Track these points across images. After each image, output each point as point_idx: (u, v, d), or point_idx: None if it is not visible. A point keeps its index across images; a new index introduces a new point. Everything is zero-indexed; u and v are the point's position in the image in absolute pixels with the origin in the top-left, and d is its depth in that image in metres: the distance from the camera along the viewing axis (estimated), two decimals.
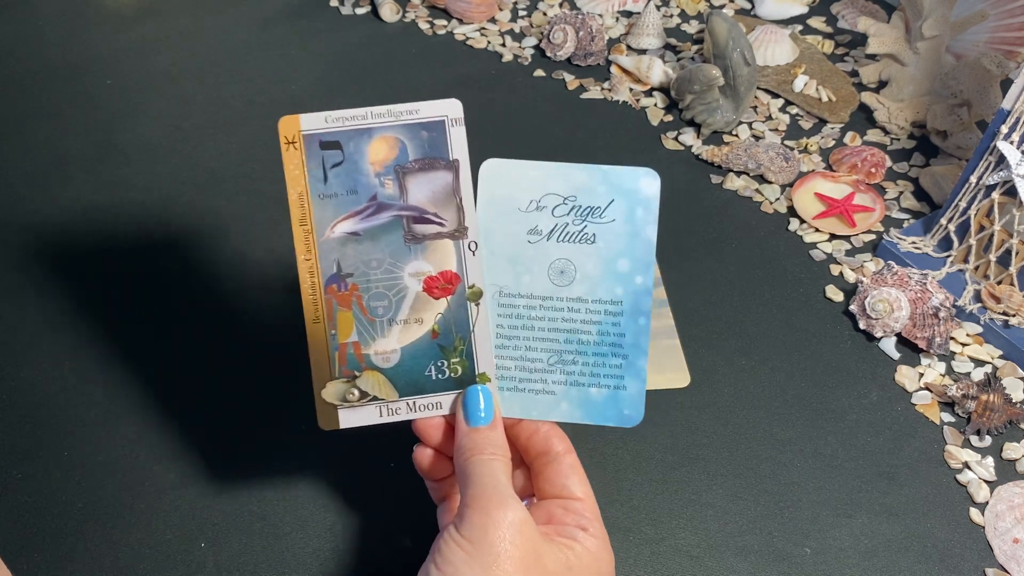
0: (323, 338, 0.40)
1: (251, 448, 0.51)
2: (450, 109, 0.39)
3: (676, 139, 0.75)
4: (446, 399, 0.40)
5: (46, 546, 0.47)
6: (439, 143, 0.39)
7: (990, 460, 0.51)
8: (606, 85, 0.81)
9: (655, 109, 0.78)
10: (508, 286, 0.41)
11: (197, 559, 0.46)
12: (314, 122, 0.39)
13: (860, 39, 0.85)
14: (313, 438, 0.52)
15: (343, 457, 0.51)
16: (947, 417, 0.54)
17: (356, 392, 0.40)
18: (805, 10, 0.90)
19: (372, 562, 0.46)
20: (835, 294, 0.61)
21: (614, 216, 0.40)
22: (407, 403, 0.40)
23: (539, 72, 0.82)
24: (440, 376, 0.40)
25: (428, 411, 0.40)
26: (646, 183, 0.40)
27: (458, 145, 0.39)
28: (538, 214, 0.40)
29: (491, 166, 0.41)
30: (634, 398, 0.41)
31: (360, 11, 0.90)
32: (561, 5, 0.92)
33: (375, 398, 0.40)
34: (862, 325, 0.58)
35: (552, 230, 0.40)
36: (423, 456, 0.41)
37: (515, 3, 0.92)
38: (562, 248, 0.40)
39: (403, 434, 0.52)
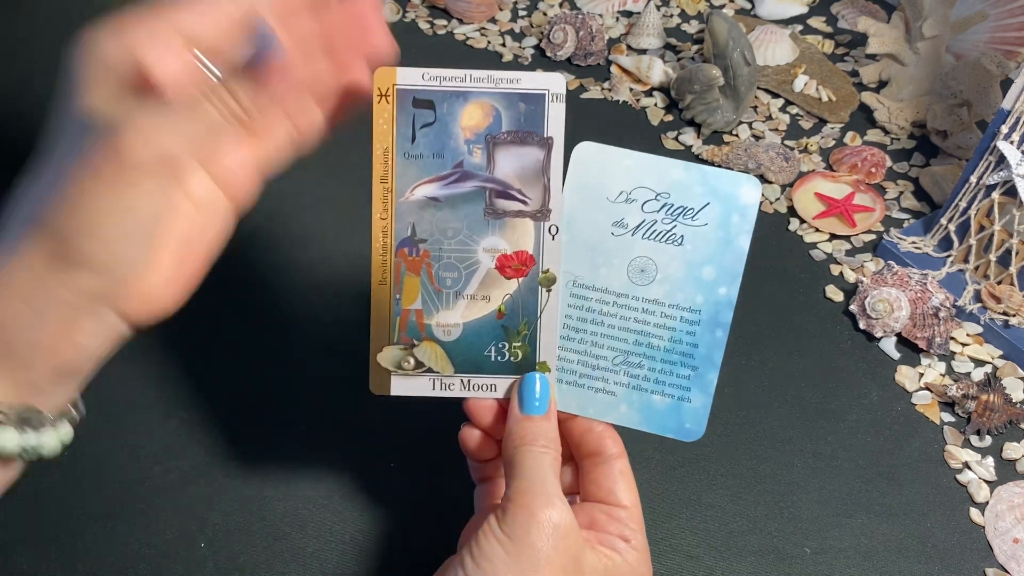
0: (387, 301, 0.38)
1: (251, 448, 0.51)
2: (552, 83, 0.37)
3: (676, 139, 0.75)
4: (502, 382, 0.39)
5: (46, 546, 0.47)
6: (536, 117, 0.37)
7: (990, 460, 0.51)
8: (606, 85, 0.81)
9: (655, 109, 0.78)
10: (583, 277, 0.39)
11: (197, 559, 0.46)
12: (411, 77, 0.37)
13: (860, 39, 0.85)
14: (313, 438, 0.52)
15: (343, 457, 0.51)
16: (947, 417, 0.54)
17: (412, 360, 0.39)
18: (805, 10, 0.90)
19: (372, 562, 0.46)
20: (835, 294, 0.61)
21: (707, 220, 0.38)
22: (462, 380, 0.39)
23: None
24: (499, 358, 0.39)
25: (482, 392, 0.39)
26: (747, 190, 0.38)
27: (555, 122, 0.37)
28: (627, 206, 0.39)
29: (585, 149, 0.39)
30: (698, 412, 0.39)
31: None
32: (561, 5, 0.92)
33: (430, 370, 0.39)
34: (862, 325, 0.58)
35: (639, 225, 0.39)
36: (470, 436, 0.40)
37: (515, 3, 0.92)
38: (646, 245, 0.39)
39: (402, 434, 0.52)
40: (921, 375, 0.56)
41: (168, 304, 0.34)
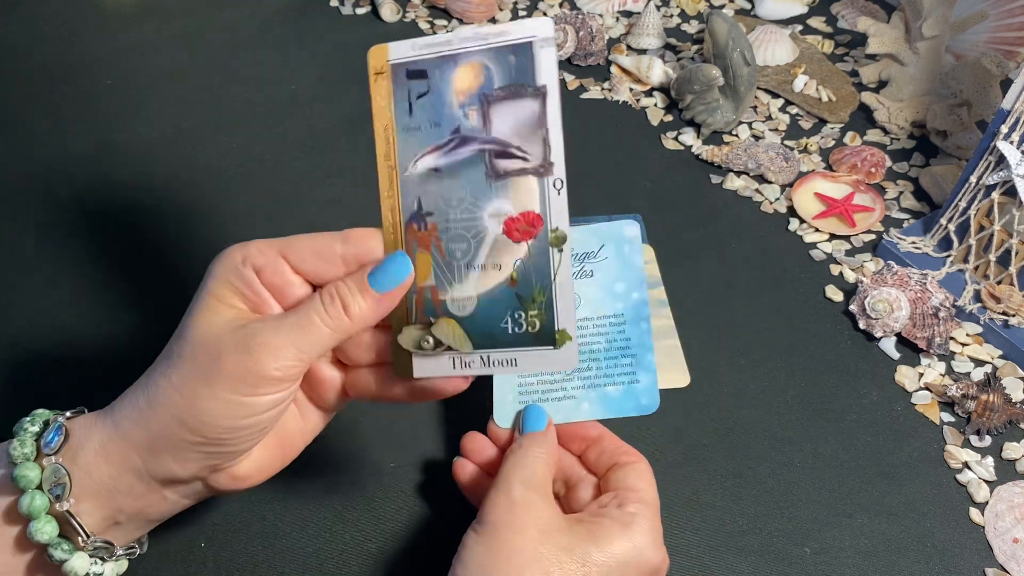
0: None
1: None
2: (539, 28, 0.35)
3: (676, 139, 0.75)
4: (522, 356, 0.37)
5: None
6: (525, 68, 0.36)
7: (990, 460, 0.51)
8: (606, 85, 0.81)
9: (655, 109, 0.78)
10: None
11: (197, 559, 0.46)
12: (402, 50, 0.37)
13: (860, 39, 0.85)
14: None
15: (343, 457, 0.51)
16: (947, 417, 0.54)
17: (431, 340, 0.38)
18: (805, 10, 0.91)
19: (372, 562, 0.46)
20: (835, 294, 0.61)
21: (606, 255, 0.45)
22: (481, 356, 0.38)
23: None
24: (516, 329, 0.37)
25: (502, 367, 0.38)
26: (629, 229, 0.45)
27: (546, 69, 0.35)
28: None
29: None
30: (648, 388, 0.44)
31: (360, 11, 0.90)
32: (561, 5, 0.92)
33: (449, 348, 0.38)
34: (862, 325, 0.58)
35: None
36: (463, 470, 0.43)
37: (515, 3, 0.92)
38: None
39: (402, 434, 0.52)
40: (921, 375, 0.56)
41: (255, 484, 0.39)
